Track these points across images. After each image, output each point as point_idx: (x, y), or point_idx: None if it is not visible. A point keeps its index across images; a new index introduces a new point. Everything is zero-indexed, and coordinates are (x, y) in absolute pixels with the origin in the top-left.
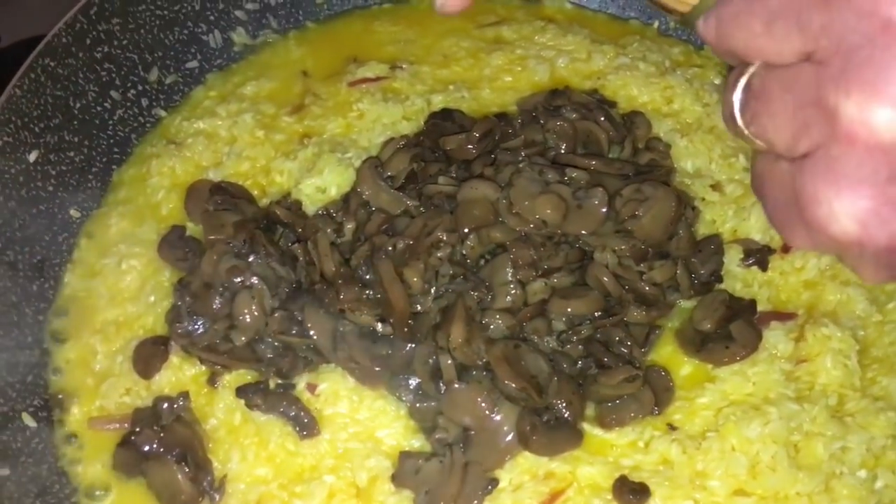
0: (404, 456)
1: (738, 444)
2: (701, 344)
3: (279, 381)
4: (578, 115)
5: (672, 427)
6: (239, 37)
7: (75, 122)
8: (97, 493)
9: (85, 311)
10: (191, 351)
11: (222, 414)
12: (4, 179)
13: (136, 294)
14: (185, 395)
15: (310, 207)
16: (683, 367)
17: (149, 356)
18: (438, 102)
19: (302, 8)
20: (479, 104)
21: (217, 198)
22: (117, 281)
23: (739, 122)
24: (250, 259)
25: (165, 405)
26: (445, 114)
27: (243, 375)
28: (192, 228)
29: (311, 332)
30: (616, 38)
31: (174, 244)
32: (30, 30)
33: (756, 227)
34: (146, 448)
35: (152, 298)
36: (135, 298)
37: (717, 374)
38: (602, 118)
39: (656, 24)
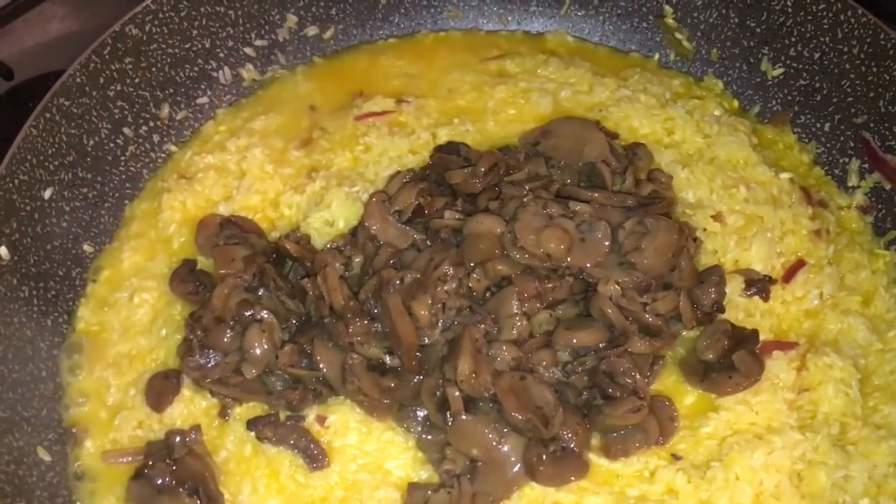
0: (413, 487)
1: (742, 473)
2: (704, 374)
3: (289, 414)
4: None
5: (677, 457)
6: (248, 73)
7: (89, 159)
8: None
9: (98, 345)
10: (202, 384)
11: (233, 446)
12: (20, 217)
13: (148, 328)
14: (196, 427)
15: (318, 241)
16: (687, 396)
17: (161, 389)
18: (444, 136)
19: (309, 43)
20: (483, 137)
21: (227, 232)
22: (130, 315)
23: None
24: (260, 293)
25: (178, 438)
26: (451, 147)
27: (254, 408)
28: (203, 262)
29: (321, 365)
30: (617, 71)
31: (185, 278)
32: (42, 66)
33: (757, 258)
34: (159, 481)
35: (164, 332)
36: (147, 332)
37: (721, 404)
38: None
39: (657, 56)
